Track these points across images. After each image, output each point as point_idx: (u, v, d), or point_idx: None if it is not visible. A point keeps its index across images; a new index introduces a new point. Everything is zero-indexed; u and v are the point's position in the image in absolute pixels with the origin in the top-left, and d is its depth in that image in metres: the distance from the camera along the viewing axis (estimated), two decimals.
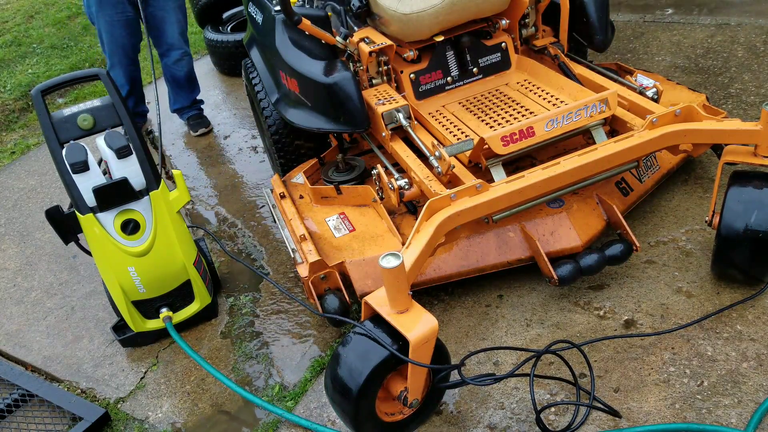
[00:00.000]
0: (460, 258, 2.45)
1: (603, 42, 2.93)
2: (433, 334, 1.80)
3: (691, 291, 2.36)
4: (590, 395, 2.02)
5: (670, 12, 4.46)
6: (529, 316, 2.41)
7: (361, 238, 2.57)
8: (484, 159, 2.37)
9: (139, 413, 2.44)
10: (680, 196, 2.81)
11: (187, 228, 2.64)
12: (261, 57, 3.16)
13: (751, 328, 2.17)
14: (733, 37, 3.92)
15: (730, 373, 2.04)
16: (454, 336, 2.40)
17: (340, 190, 2.78)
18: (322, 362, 2.45)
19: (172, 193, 2.51)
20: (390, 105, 2.62)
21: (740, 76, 3.52)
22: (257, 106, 3.24)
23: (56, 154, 2.29)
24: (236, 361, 2.56)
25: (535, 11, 2.97)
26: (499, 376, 1.88)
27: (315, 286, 2.41)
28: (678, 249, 2.55)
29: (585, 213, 2.50)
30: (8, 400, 2.55)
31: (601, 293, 2.44)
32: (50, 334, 2.91)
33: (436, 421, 2.11)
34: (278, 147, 3.13)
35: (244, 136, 4.24)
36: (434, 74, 2.88)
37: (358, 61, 2.80)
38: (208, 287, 2.72)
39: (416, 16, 2.66)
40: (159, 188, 2.41)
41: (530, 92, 2.79)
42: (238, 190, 3.69)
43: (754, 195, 2.13)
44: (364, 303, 1.90)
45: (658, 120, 2.31)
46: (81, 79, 2.44)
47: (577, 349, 2.00)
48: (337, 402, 1.92)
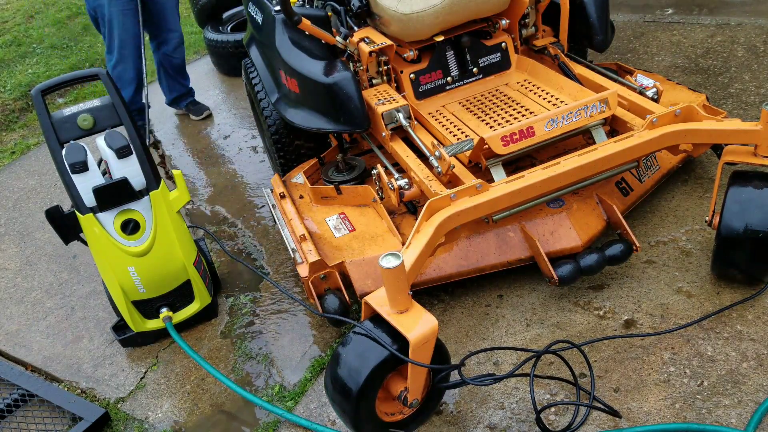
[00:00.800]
0: (460, 258, 2.45)
1: (603, 42, 2.93)
2: (433, 334, 1.80)
3: (691, 291, 2.36)
4: (590, 395, 2.02)
5: (670, 12, 4.46)
6: (529, 316, 2.41)
7: (361, 238, 2.57)
8: (484, 159, 2.37)
9: (139, 413, 2.44)
10: (680, 196, 2.81)
11: (187, 228, 2.64)
12: (261, 57, 3.16)
13: (751, 328, 2.17)
14: (733, 37, 3.92)
15: (730, 373, 2.04)
16: (454, 336, 2.40)
17: (340, 190, 2.78)
18: (322, 362, 2.45)
19: (172, 193, 2.51)
20: (390, 105, 2.62)
21: (740, 76, 3.52)
22: (257, 106, 3.24)
23: (56, 154, 2.29)
24: (236, 361, 2.56)
25: (535, 11, 2.97)
26: (498, 376, 1.88)
27: (315, 286, 2.41)
28: (678, 249, 2.55)
29: (585, 213, 2.50)
30: (8, 400, 2.55)
31: (601, 293, 2.44)
32: (50, 334, 2.91)
33: (436, 421, 2.11)
34: (278, 147, 3.13)
35: (244, 136, 4.24)
36: (434, 74, 2.88)
37: (358, 61, 2.80)
38: (208, 287, 2.72)
39: (416, 16, 2.66)
40: (159, 188, 2.41)
41: (530, 92, 2.79)
42: (238, 190, 3.69)
43: (754, 195, 2.13)
44: (364, 303, 1.90)
45: (658, 120, 2.31)
46: (81, 79, 2.44)
47: (577, 349, 2.00)
48: (337, 402, 1.92)
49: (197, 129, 4.50)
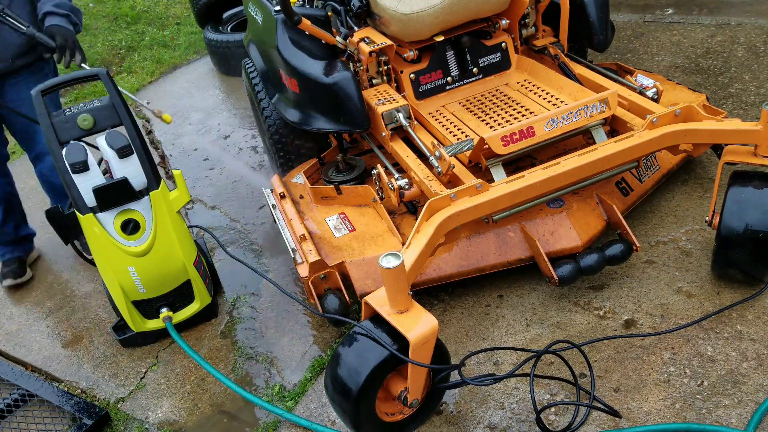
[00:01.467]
0: (460, 258, 2.45)
1: (603, 42, 2.93)
2: (433, 334, 1.80)
3: (691, 291, 2.36)
4: (590, 395, 2.02)
5: (670, 12, 4.46)
6: (529, 316, 2.41)
7: (361, 238, 2.57)
8: (484, 159, 2.37)
9: (139, 413, 2.44)
10: (680, 196, 2.80)
11: (187, 228, 2.64)
12: (261, 57, 3.16)
13: (751, 328, 2.17)
14: (733, 37, 3.92)
15: (730, 373, 2.04)
16: (454, 336, 2.40)
17: (340, 190, 2.78)
18: (322, 362, 2.45)
19: (172, 193, 2.51)
20: (390, 105, 2.62)
21: (740, 76, 3.52)
22: (257, 106, 3.24)
23: (56, 154, 2.29)
24: (236, 361, 2.56)
25: (535, 11, 2.97)
26: (499, 376, 1.88)
27: (315, 286, 2.41)
28: (678, 249, 2.55)
29: (585, 213, 2.50)
30: (8, 400, 2.55)
31: (601, 293, 2.44)
32: (50, 334, 2.91)
33: (436, 421, 2.11)
34: (278, 147, 3.12)
35: (244, 136, 4.24)
36: (434, 74, 2.88)
37: (358, 61, 2.80)
38: (208, 287, 2.72)
39: (416, 16, 2.66)
40: (159, 188, 2.41)
41: (530, 92, 2.79)
42: (238, 190, 3.69)
43: (754, 195, 2.13)
44: (364, 303, 1.90)
45: (658, 120, 2.31)
46: (81, 79, 2.44)
47: (577, 349, 2.00)
48: (337, 402, 1.91)
49: (197, 129, 4.50)
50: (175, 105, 4.90)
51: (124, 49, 6.25)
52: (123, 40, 6.39)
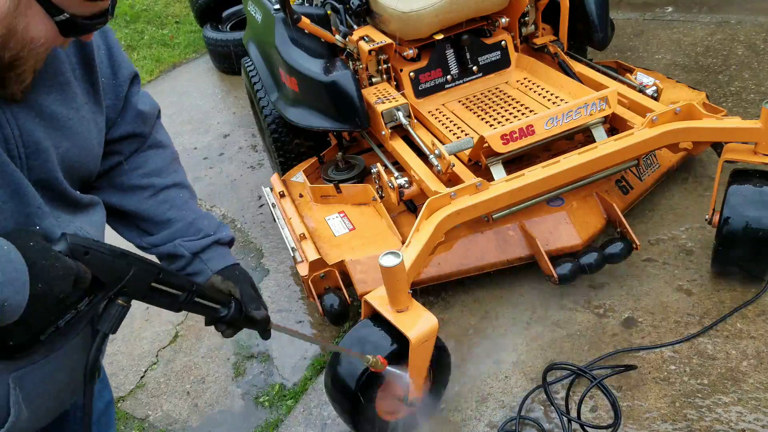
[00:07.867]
0: (460, 256, 2.45)
1: (603, 40, 2.92)
2: (433, 333, 1.80)
3: (691, 289, 2.36)
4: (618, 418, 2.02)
5: (670, 10, 4.45)
6: (530, 315, 2.41)
7: (360, 237, 2.57)
8: (484, 157, 2.37)
9: (139, 412, 2.44)
10: (680, 194, 2.80)
11: None
12: (260, 56, 3.16)
13: (751, 326, 2.17)
14: (733, 35, 3.92)
15: (730, 371, 2.04)
16: (454, 334, 2.40)
17: (339, 189, 2.77)
18: (322, 361, 2.45)
19: None
20: (389, 103, 2.62)
21: (740, 74, 3.52)
22: (257, 104, 3.24)
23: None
24: (236, 360, 2.56)
25: (535, 9, 2.96)
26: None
27: (315, 285, 2.41)
28: (678, 247, 2.55)
29: (585, 211, 2.50)
30: None
31: (601, 291, 2.44)
32: None
33: (436, 420, 2.11)
34: (278, 146, 3.12)
35: (243, 135, 4.24)
36: (434, 72, 2.88)
37: (358, 59, 2.80)
38: None
39: (416, 15, 2.66)
40: None
41: (530, 90, 2.79)
42: (238, 189, 3.69)
43: (754, 193, 2.13)
44: (364, 302, 1.90)
45: (658, 118, 2.30)
46: None
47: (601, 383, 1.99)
48: (337, 401, 1.92)
49: (196, 128, 4.49)
50: (174, 104, 4.90)
51: (124, 48, 6.24)
52: (122, 39, 6.38)
